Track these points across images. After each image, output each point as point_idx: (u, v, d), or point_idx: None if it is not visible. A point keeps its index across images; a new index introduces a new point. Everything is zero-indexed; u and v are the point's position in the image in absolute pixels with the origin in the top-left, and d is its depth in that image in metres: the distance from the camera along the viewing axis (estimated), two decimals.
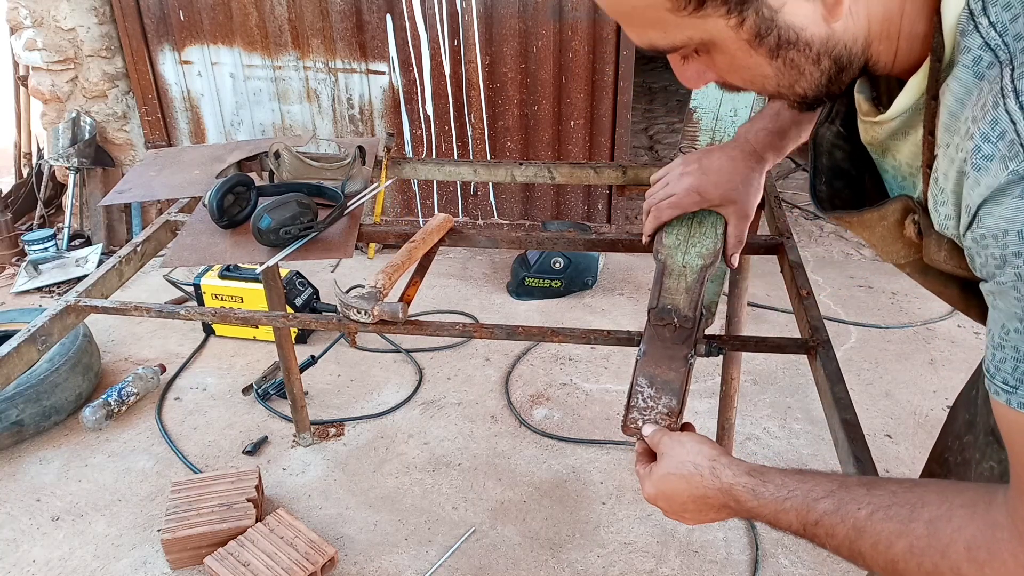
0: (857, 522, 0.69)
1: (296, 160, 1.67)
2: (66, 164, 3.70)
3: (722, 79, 0.74)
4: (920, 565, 0.65)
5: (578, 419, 2.60)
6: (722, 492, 0.82)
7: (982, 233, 0.59)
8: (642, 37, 0.70)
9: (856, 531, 0.69)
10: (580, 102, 3.42)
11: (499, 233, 1.53)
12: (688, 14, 0.64)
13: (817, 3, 0.63)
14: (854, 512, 0.70)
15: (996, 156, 0.56)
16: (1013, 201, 0.55)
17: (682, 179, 1.19)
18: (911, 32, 0.66)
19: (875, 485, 0.71)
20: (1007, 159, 0.55)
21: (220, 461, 2.44)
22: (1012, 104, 0.55)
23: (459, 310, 3.29)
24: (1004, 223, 0.56)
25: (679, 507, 0.88)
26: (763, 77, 0.70)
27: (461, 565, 2.05)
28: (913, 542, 0.66)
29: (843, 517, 0.71)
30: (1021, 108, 0.55)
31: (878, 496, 0.70)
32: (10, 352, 1.25)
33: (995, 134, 0.56)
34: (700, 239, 1.18)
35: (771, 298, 3.26)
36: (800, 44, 0.66)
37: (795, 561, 2.03)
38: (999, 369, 0.61)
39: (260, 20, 3.45)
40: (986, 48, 0.59)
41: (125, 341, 3.09)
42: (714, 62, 0.71)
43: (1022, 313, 0.58)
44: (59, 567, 2.06)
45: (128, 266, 1.53)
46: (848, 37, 0.66)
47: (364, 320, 1.24)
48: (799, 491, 0.75)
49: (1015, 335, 0.59)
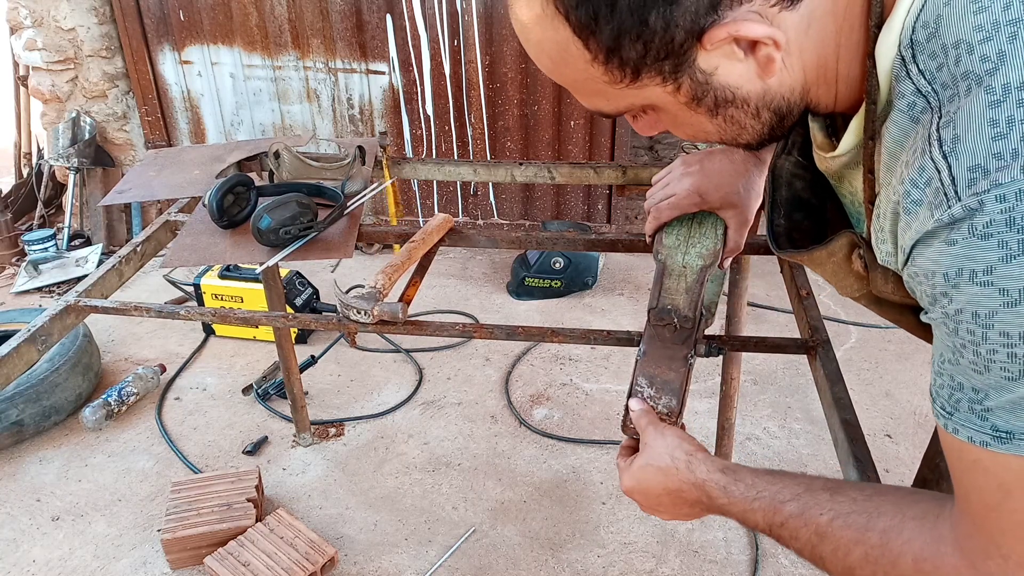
0: (819, 527, 0.72)
1: (296, 160, 1.67)
2: (66, 164, 3.70)
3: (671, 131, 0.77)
4: (874, 574, 0.68)
5: (578, 419, 2.60)
6: (695, 487, 0.84)
7: (915, 271, 0.62)
8: (590, 103, 0.74)
9: (818, 536, 0.72)
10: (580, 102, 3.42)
11: (499, 233, 1.53)
12: (626, 86, 0.67)
13: (750, 62, 0.65)
14: (816, 517, 0.72)
15: (924, 202, 0.59)
16: (939, 245, 0.58)
17: (683, 180, 1.19)
18: (848, 75, 0.68)
19: (838, 491, 0.74)
20: (933, 206, 0.58)
21: (220, 461, 2.44)
22: (936, 153, 0.58)
23: (459, 310, 3.29)
24: (932, 264, 0.59)
25: (654, 500, 0.90)
26: (706, 132, 0.73)
27: (461, 565, 2.05)
28: (868, 551, 0.68)
29: (806, 521, 0.73)
30: (944, 157, 0.57)
31: (839, 503, 0.72)
32: (10, 352, 1.25)
33: (923, 180, 0.59)
34: (700, 239, 1.18)
35: (771, 298, 3.26)
36: (737, 102, 0.68)
37: (795, 561, 2.03)
38: (939, 395, 0.64)
39: (260, 20, 3.45)
40: (918, 94, 0.62)
41: (125, 341, 3.09)
42: (659, 119, 0.74)
43: (950, 350, 0.61)
44: (59, 567, 2.06)
45: (128, 266, 1.53)
46: (785, 89, 0.68)
47: (364, 320, 1.24)
48: (767, 492, 0.77)
49: (949, 366, 0.62)
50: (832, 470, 2.31)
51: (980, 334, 0.57)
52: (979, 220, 0.55)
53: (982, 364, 0.58)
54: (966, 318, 0.58)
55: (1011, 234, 0.53)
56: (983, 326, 0.57)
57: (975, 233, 0.55)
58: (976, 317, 0.57)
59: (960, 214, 0.56)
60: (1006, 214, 0.53)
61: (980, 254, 0.55)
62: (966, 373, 0.60)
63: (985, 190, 0.54)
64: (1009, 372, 0.57)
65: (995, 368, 0.57)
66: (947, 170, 0.57)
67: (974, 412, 0.60)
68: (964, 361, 0.60)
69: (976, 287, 0.56)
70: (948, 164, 0.57)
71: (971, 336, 0.58)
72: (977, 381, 0.59)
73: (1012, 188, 0.53)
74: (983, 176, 0.55)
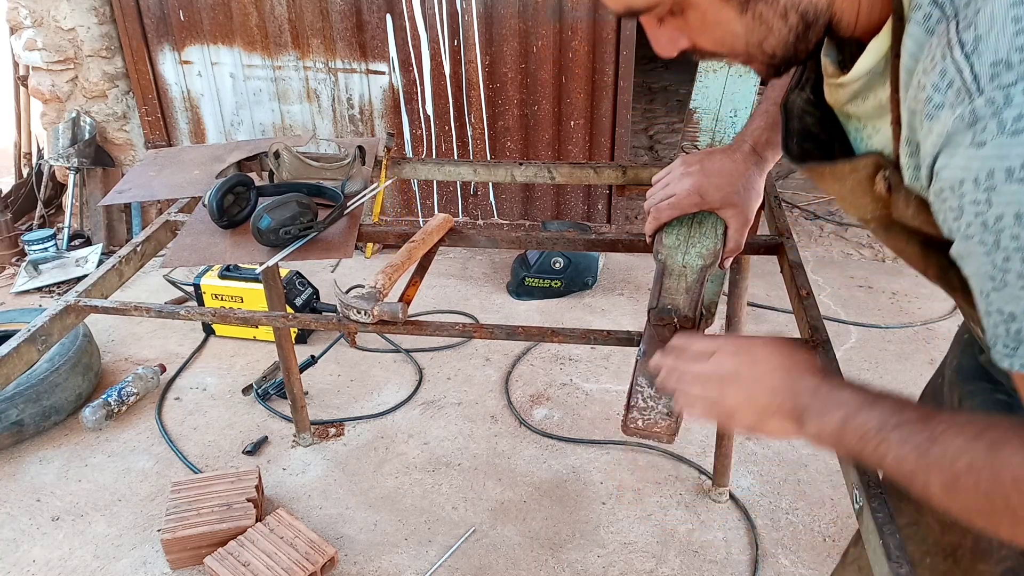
0: (934, 433, 0.68)
1: (296, 160, 1.67)
2: (66, 164, 3.70)
3: (693, 43, 0.75)
4: (976, 484, 0.64)
5: (578, 419, 2.60)
6: (823, 371, 0.80)
7: (940, 187, 0.61)
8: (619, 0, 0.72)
9: (930, 441, 0.68)
10: (580, 102, 3.42)
11: (499, 233, 1.53)
12: None
13: None
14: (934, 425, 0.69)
15: (945, 105, 0.58)
16: (966, 151, 0.57)
17: (683, 180, 1.19)
18: None
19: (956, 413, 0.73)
20: (954, 106, 0.57)
21: (220, 461, 2.44)
22: (958, 54, 0.57)
23: (459, 310, 3.29)
24: (960, 172, 0.58)
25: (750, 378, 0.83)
26: (733, 35, 0.71)
27: (461, 565, 2.05)
28: (973, 459, 0.65)
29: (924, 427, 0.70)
30: (966, 57, 0.57)
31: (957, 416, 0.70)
32: (10, 352, 1.25)
33: (944, 84, 0.58)
34: (700, 239, 1.18)
35: (771, 298, 3.26)
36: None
37: (795, 561, 2.03)
38: (995, 338, 0.62)
39: (260, 20, 3.45)
40: (933, 4, 0.61)
41: (125, 341, 3.09)
42: (687, 22, 0.72)
43: (992, 275, 0.59)
44: (59, 567, 2.06)
45: (128, 266, 1.53)
46: None
47: (364, 320, 1.25)
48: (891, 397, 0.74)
49: (995, 295, 0.60)
50: (832, 470, 2.31)
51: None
52: (1008, 115, 0.54)
53: None
54: (1008, 222, 0.56)
55: None
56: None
57: (1005, 130, 0.54)
58: (1019, 218, 0.55)
59: (984, 110, 0.55)
60: None
61: (1014, 150, 0.54)
62: (1016, 296, 0.58)
63: (1012, 82, 0.54)
64: None
65: None
66: (969, 69, 0.56)
67: None
68: (1011, 277, 0.58)
69: (1015, 184, 0.54)
70: (970, 63, 0.56)
71: (1016, 242, 0.56)
72: None
73: None
74: (1007, 69, 0.54)
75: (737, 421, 0.84)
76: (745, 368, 0.84)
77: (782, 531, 2.13)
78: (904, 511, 1.11)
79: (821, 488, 2.27)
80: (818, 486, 2.27)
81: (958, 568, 1.00)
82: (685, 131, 1.42)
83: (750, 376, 0.83)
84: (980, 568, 0.96)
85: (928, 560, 1.05)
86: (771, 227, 1.54)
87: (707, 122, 1.42)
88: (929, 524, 1.06)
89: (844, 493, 2.23)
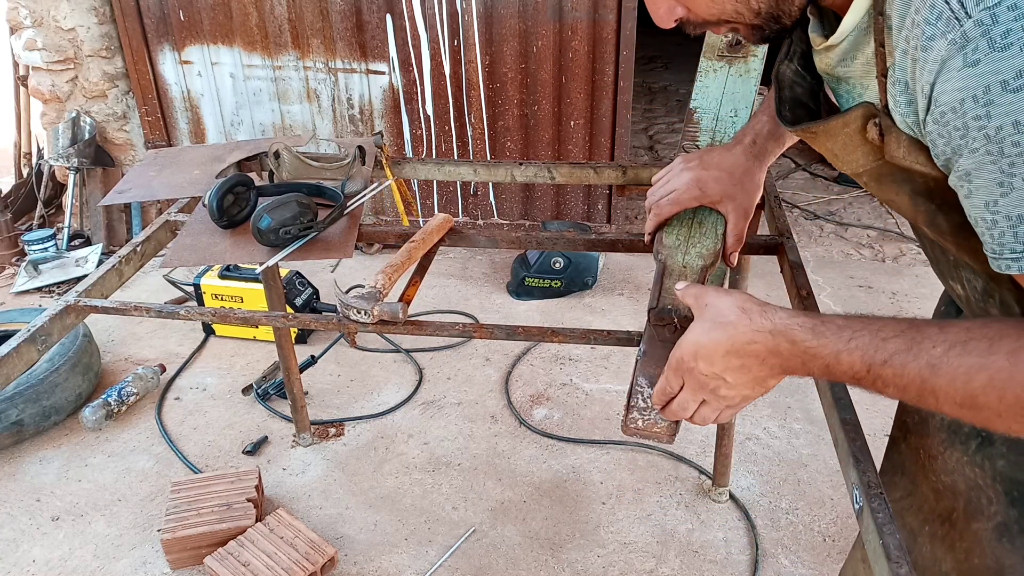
0: (932, 359, 0.68)
1: (296, 160, 1.67)
2: (66, 164, 3.70)
3: (688, 9, 0.80)
4: (1002, 398, 0.65)
5: (578, 419, 2.60)
6: (773, 334, 0.77)
7: (941, 111, 0.64)
8: None
9: (930, 368, 0.68)
10: (580, 102, 3.42)
11: (499, 233, 1.53)
12: None
13: None
14: (928, 349, 0.68)
15: (937, 35, 0.62)
16: (961, 72, 0.61)
17: (683, 174, 1.20)
18: None
19: (946, 324, 0.70)
20: (946, 33, 0.61)
21: (220, 461, 2.44)
22: None
23: (459, 310, 3.29)
24: (959, 93, 0.62)
25: (717, 368, 0.80)
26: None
27: (461, 565, 2.05)
28: (994, 375, 0.65)
29: (916, 355, 0.69)
30: None
31: (952, 333, 0.68)
32: (10, 352, 1.25)
33: (934, 16, 0.62)
34: (700, 239, 1.18)
35: (771, 298, 3.23)
36: None
37: (795, 561, 2.03)
38: (1002, 244, 0.64)
39: (260, 20, 3.45)
40: None
41: (125, 341, 3.09)
42: None
43: (998, 182, 0.62)
44: (59, 567, 2.06)
45: (128, 266, 1.53)
46: None
47: (364, 320, 1.24)
48: (866, 330, 0.73)
49: (1003, 200, 0.63)
50: (832, 470, 2.31)
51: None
52: (996, 31, 0.58)
53: None
54: (1008, 132, 0.60)
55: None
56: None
57: (995, 46, 0.58)
58: (1018, 125, 0.59)
59: (973, 31, 0.59)
60: (1021, 20, 0.57)
61: (1006, 63, 0.58)
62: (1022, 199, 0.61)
63: (996, 3, 0.58)
64: None
65: None
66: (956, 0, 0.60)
67: None
68: (1017, 181, 0.61)
69: (1010, 95, 0.58)
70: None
71: (1017, 148, 0.60)
72: None
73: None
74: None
75: (739, 406, 0.85)
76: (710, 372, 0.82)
77: (782, 531, 2.13)
78: (899, 484, 1.14)
79: (821, 488, 2.27)
80: (818, 486, 2.28)
81: (955, 530, 1.02)
82: (685, 131, 1.42)
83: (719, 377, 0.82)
84: (974, 527, 0.99)
85: (927, 528, 1.08)
86: (771, 227, 1.54)
87: (707, 122, 1.42)
88: (924, 494, 1.09)
89: (844, 493, 2.23)
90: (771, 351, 0.78)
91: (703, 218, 1.21)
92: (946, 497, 1.03)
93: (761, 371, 0.80)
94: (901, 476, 1.15)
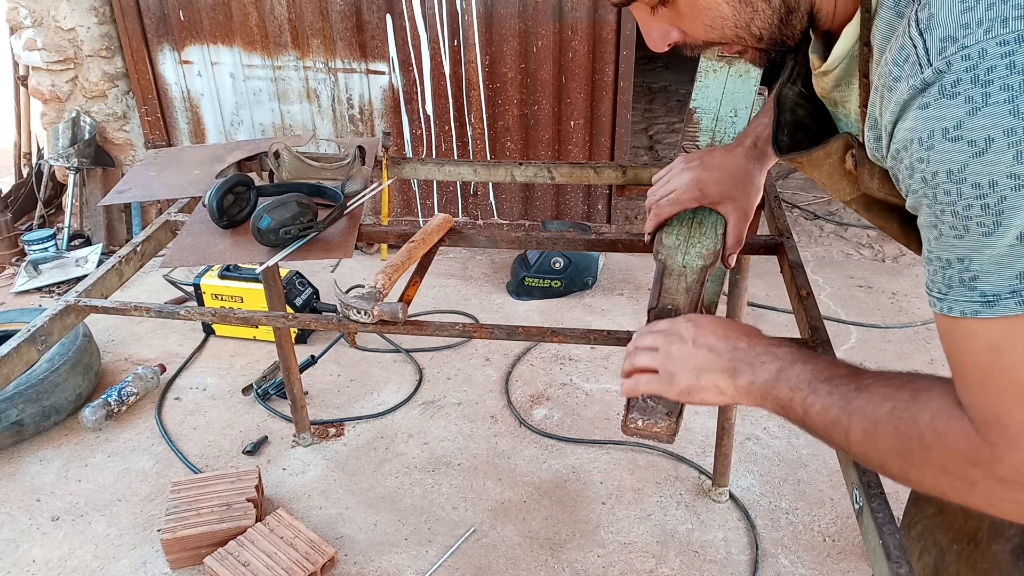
0: (861, 384, 0.74)
1: (296, 160, 1.67)
2: (66, 164, 3.70)
3: (684, 33, 0.80)
4: (896, 427, 0.70)
5: (578, 419, 2.60)
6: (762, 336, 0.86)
7: (896, 149, 0.66)
8: None
9: (857, 391, 0.74)
10: (580, 102, 3.42)
11: (499, 233, 1.53)
12: None
13: None
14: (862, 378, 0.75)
15: (903, 77, 0.64)
16: (914, 112, 0.62)
17: (683, 174, 1.20)
18: None
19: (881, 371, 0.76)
20: (909, 77, 0.63)
21: (220, 461, 2.44)
22: (914, 31, 0.63)
23: (459, 310, 3.29)
24: (909, 134, 0.63)
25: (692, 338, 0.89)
26: (722, 19, 0.75)
27: (461, 565, 2.05)
28: (896, 404, 0.70)
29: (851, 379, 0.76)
30: (920, 34, 0.62)
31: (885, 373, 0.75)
32: (10, 352, 1.25)
33: (902, 58, 0.64)
34: (700, 239, 1.18)
35: (771, 298, 3.26)
36: None
37: (795, 561, 2.03)
38: (933, 284, 0.67)
39: (260, 20, 3.45)
40: None
41: (125, 341, 3.09)
42: (678, 10, 0.77)
43: (933, 225, 0.64)
44: (59, 567, 2.06)
45: (128, 266, 1.53)
46: None
47: (364, 320, 1.25)
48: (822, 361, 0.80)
49: (935, 243, 0.65)
50: (832, 470, 2.31)
51: (955, 191, 0.60)
52: (947, 80, 0.59)
53: (960, 225, 0.61)
54: (941, 178, 0.61)
55: (975, 89, 0.58)
56: (956, 181, 0.60)
57: (944, 93, 0.60)
58: (950, 174, 0.60)
59: (931, 78, 0.60)
60: (971, 72, 0.58)
61: (949, 112, 0.59)
62: (950, 244, 0.63)
63: (953, 53, 0.59)
64: (985, 226, 0.60)
65: (972, 226, 0.60)
66: (922, 44, 0.62)
67: (964, 284, 0.63)
68: (945, 228, 0.63)
69: (948, 143, 0.60)
70: (923, 39, 0.62)
71: (947, 197, 0.61)
72: (960, 248, 0.62)
73: (975, 48, 0.58)
74: (951, 43, 0.59)
75: (678, 381, 0.89)
76: (689, 330, 0.90)
77: (782, 531, 2.13)
78: (932, 500, 1.14)
79: (821, 488, 2.27)
80: (818, 486, 2.28)
81: (978, 551, 1.04)
82: (685, 131, 1.42)
83: (692, 336, 0.90)
84: (994, 548, 1.00)
85: (955, 547, 1.09)
86: (771, 227, 1.54)
87: (707, 122, 1.42)
88: (954, 512, 1.09)
89: (844, 493, 2.23)
90: (748, 345, 0.86)
91: (703, 218, 1.21)
92: (973, 517, 1.05)
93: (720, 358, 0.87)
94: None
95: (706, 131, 1.41)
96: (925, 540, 1.12)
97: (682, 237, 1.19)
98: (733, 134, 1.38)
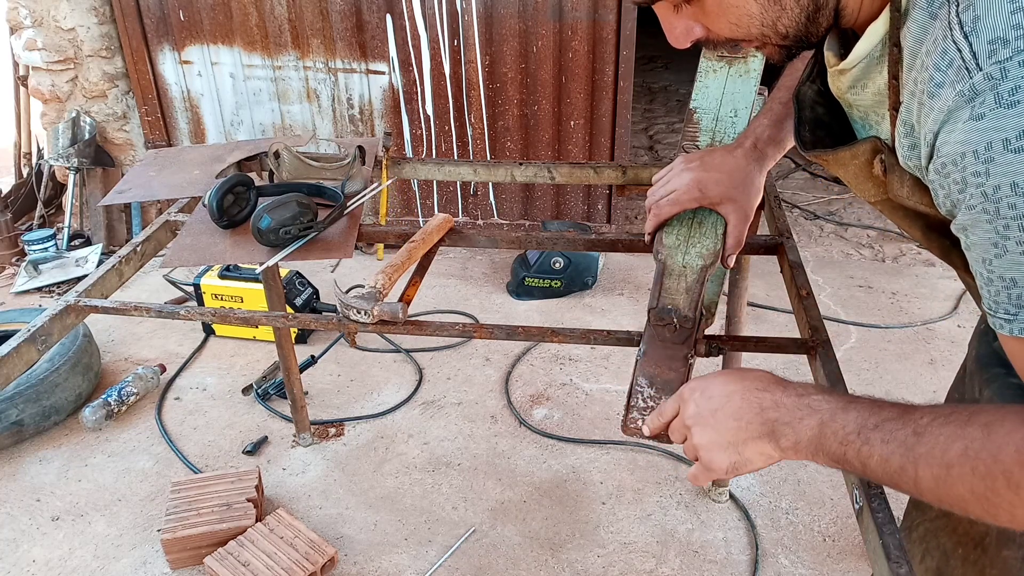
0: (918, 427, 0.68)
1: (296, 160, 1.67)
2: (66, 164, 3.70)
3: (708, 30, 0.77)
4: (975, 468, 0.64)
5: (578, 419, 2.60)
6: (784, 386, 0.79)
7: (943, 162, 0.63)
8: None
9: (915, 436, 0.68)
10: (580, 102, 3.42)
11: (499, 233, 1.53)
12: None
13: None
14: (917, 419, 0.69)
15: (946, 83, 0.61)
16: (965, 124, 0.59)
17: (683, 174, 1.19)
18: None
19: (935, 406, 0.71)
20: (955, 83, 0.60)
21: (220, 461, 2.44)
22: (958, 34, 0.60)
23: (459, 310, 3.29)
24: (960, 147, 0.60)
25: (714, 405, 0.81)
26: (748, 17, 0.73)
27: (461, 565, 2.05)
28: (968, 444, 0.64)
29: (905, 422, 0.69)
30: (965, 37, 0.59)
31: (938, 408, 0.70)
32: (10, 352, 1.25)
33: (945, 63, 0.61)
34: (700, 239, 1.18)
35: (771, 298, 3.26)
36: None
37: (795, 561, 2.03)
38: (997, 305, 0.63)
39: (260, 20, 3.45)
40: None
41: (125, 341, 3.09)
42: (703, 8, 0.74)
43: (994, 242, 0.61)
44: (59, 567, 2.06)
45: (128, 266, 1.53)
46: None
47: (364, 320, 1.24)
48: (865, 399, 0.74)
49: (997, 262, 0.62)
50: (832, 470, 2.31)
51: (1022, 204, 0.57)
52: (1004, 87, 0.56)
53: None
54: (1005, 192, 0.58)
55: None
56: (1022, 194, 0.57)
57: (1001, 102, 0.56)
58: (1015, 187, 0.57)
59: (982, 85, 0.57)
60: None
61: (1009, 121, 0.56)
62: (1016, 261, 0.60)
63: (1007, 57, 0.56)
64: None
65: None
66: (968, 48, 0.59)
67: None
68: (1011, 244, 0.59)
69: (1011, 155, 0.57)
70: (969, 43, 0.59)
71: (1013, 211, 0.58)
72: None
73: None
74: (1003, 46, 0.56)
75: (719, 465, 0.81)
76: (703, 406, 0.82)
77: (782, 531, 2.13)
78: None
79: (821, 488, 2.27)
80: (818, 486, 2.28)
81: (986, 556, 1.02)
82: (685, 131, 1.42)
83: (708, 412, 0.82)
84: (1004, 554, 0.99)
85: (960, 551, 1.07)
86: (771, 227, 1.54)
87: (707, 122, 1.42)
88: (960, 516, 1.08)
89: (844, 493, 2.23)
90: (775, 402, 0.78)
91: (703, 218, 1.21)
92: (980, 522, 1.04)
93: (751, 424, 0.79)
94: None
95: (706, 131, 1.41)
96: (928, 543, 1.10)
97: (682, 237, 1.19)
98: (733, 134, 1.37)
